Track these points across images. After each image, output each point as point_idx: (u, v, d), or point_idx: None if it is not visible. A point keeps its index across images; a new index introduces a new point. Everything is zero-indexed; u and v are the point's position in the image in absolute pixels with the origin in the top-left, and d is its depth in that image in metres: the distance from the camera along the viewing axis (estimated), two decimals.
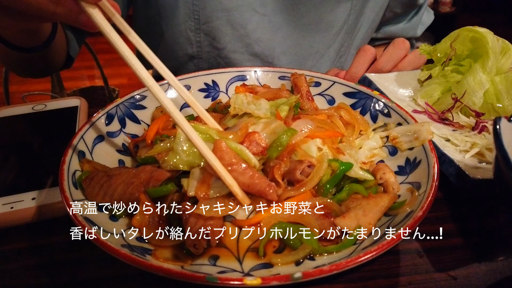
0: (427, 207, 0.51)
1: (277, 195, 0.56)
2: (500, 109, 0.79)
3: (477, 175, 0.61)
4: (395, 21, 1.29)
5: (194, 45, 1.13)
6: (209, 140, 0.58)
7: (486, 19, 1.84)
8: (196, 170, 0.56)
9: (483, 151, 0.70)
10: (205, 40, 1.12)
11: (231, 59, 1.14)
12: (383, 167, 0.63)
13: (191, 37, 1.11)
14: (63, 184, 0.54)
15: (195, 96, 0.83)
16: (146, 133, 0.71)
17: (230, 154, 0.55)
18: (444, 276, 0.52)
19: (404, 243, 0.57)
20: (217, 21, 1.07)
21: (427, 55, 0.92)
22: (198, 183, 0.55)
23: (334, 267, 0.44)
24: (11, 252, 0.56)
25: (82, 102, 0.81)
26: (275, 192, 0.54)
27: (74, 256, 0.55)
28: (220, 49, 1.13)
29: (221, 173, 0.53)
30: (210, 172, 0.54)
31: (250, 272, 0.49)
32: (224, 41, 1.11)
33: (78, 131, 0.64)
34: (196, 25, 1.09)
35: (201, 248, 0.50)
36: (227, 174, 0.54)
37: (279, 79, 0.87)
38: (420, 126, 0.66)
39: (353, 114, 0.73)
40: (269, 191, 0.54)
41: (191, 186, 0.55)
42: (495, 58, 0.80)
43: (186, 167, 0.57)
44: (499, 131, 0.45)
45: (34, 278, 0.53)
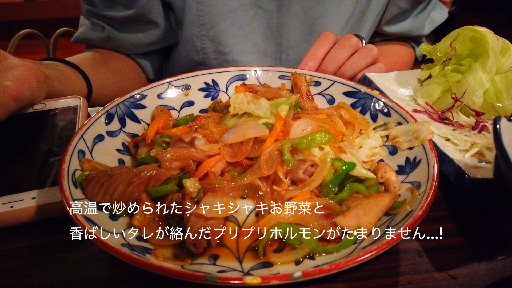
0: (427, 206, 0.51)
1: (280, 195, 0.56)
2: (500, 108, 0.79)
3: (477, 175, 0.61)
4: (401, 18, 1.25)
5: (200, 52, 1.13)
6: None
7: (486, 19, 1.84)
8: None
9: (483, 150, 0.70)
10: (210, 47, 1.12)
11: (238, 61, 1.14)
12: (384, 166, 0.63)
13: (196, 43, 1.12)
14: (63, 184, 0.54)
15: (195, 96, 0.83)
16: (146, 133, 0.71)
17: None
18: (444, 275, 0.52)
19: (404, 242, 0.57)
20: (222, 23, 1.08)
21: (427, 54, 0.92)
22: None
23: (333, 266, 0.44)
24: (10, 251, 0.56)
25: (82, 102, 0.81)
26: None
27: (73, 255, 0.55)
28: (226, 53, 1.13)
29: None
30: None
31: (250, 271, 0.49)
32: (231, 43, 1.11)
33: (78, 131, 0.64)
34: (200, 31, 1.09)
35: (201, 247, 0.50)
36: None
37: (279, 78, 0.87)
38: (420, 126, 0.66)
39: (353, 114, 0.73)
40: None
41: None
42: (495, 57, 0.80)
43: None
44: (499, 131, 0.45)
45: (34, 277, 0.52)
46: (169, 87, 0.81)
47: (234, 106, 0.69)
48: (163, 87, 0.80)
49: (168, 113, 0.76)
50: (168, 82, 0.81)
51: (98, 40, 1.12)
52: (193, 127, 0.71)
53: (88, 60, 1.07)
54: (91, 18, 1.11)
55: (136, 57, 1.18)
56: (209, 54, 1.14)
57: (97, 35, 1.11)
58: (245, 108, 0.68)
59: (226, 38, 1.10)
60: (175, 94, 0.81)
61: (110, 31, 1.09)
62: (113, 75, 1.10)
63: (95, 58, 1.11)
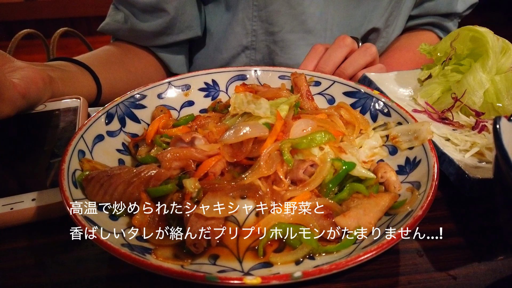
0: (427, 206, 0.51)
1: (280, 195, 0.56)
2: (500, 108, 0.79)
3: (477, 175, 0.61)
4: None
5: (250, 34, 1.15)
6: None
7: (486, 19, 1.84)
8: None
9: (483, 150, 0.70)
10: (261, 28, 1.14)
11: (285, 41, 1.15)
12: (384, 165, 0.63)
13: (248, 25, 1.13)
14: (63, 184, 0.54)
15: (195, 96, 0.83)
16: (146, 133, 0.71)
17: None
18: (444, 275, 0.52)
19: (404, 242, 0.57)
20: (275, 3, 1.09)
21: (428, 54, 0.92)
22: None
23: (334, 266, 0.44)
24: (10, 252, 0.56)
25: (82, 102, 0.81)
26: None
27: (73, 255, 0.55)
28: (276, 32, 1.14)
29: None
30: None
31: (250, 271, 0.49)
32: (282, 22, 1.13)
33: (78, 130, 0.64)
34: (253, 12, 1.11)
35: (201, 247, 0.50)
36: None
37: (279, 78, 0.87)
38: (420, 126, 0.66)
39: (353, 113, 0.73)
40: None
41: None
42: (495, 57, 0.80)
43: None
44: (499, 131, 0.45)
45: (34, 277, 0.53)
46: (169, 87, 0.81)
47: (234, 106, 0.69)
48: (163, 87, 0.81)
49: (168, 113, 0.76)
50: (168, 82, 0.81)
51: (120, 31, 1.13)
52: (193, 127, 0.71)
53: (101, 58, 1.07)
54: (118, 5, 1.11)
55: (158, 50, 1.18)
56: (259, 36, 1.15)
57: (120, 26, 1.12)
58: (245, 108, 0.68)
59: (278, 17, 1.11)
60: (175, 94, 0.81)
61: (132, 22, 1.09)
62: (127, 73, 1.10)
63: (110, 55, 1.11)
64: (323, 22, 1.15)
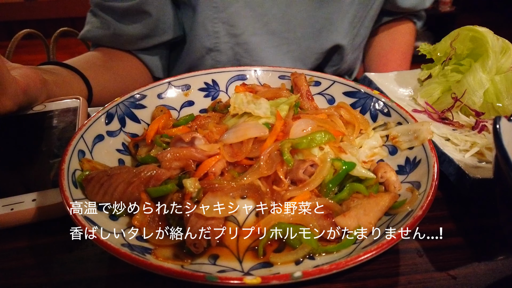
0: (427, 206, 0.51)
1: (280, 195, 0.56)
2: (500, 108, 0.79)
3: (477, 175, 0.61)
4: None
5: (212, 36, 1.14)
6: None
7: (486, 19, 1.84)
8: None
9: (483, 150, 0.70)
10: (223, 30, 1.13)
11: (249, 43, 1.15)
12: (384, 165, 0.63)
13: (209, 27, 1.12)
14: (63, 184, 0.54)
15: (195, 96, 0.83)
16: (146, 133, 0.71)
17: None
18: (444, 275, 0.52)
19: (404, 242, 0.57)
20: (235, 4, 1.09)
21: (427, 54, 0.92)
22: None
23: (333, 266, 0.44)
24: (10, 252, 0.56)
25: (82, 102, 0.81)
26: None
27: (73, 255, 0.55)
28: (239, 35, 1.14)
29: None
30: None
31: (250, 271, 0.49)
32: (243, 25, 1.12)
33: (78, 130, 0.64)
34: (214, 14, 1.10)
35: (201, 247, 0.50)
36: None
37: (279, 78, 0.87)
38: (420, 126, 0.66)
39: (353, 113, 0.73)
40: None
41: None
42: (495, 57, 0.80)
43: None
44: (499, 131, 0.45)
45: (34, 278, 0.53)
46: (169, 87, 0.81)
47: (234, 106, 0.69)
48: (163, 87, 0.81)
49: (168, 113, 0.76)
50: (168, 82, 0.81)
51: (103, 37, 1.13)
52: (193, 127, 0.71)
53: (89, 62, 1.07)
54: (98, 11, 1.11)
55: (141, 54, 1.18)
56: (221, 38, 1.14)
57: (102, 32, 1.12)
58: (245, 108, 0.68)
59: (239, 19, 1.11)
60: (175, 94, 0.81)
61: (116, 27, 1.09)
62: (115, 76, 1.10)
63: (97, 59, 1.11)
64: (286, 23, 1.14)
